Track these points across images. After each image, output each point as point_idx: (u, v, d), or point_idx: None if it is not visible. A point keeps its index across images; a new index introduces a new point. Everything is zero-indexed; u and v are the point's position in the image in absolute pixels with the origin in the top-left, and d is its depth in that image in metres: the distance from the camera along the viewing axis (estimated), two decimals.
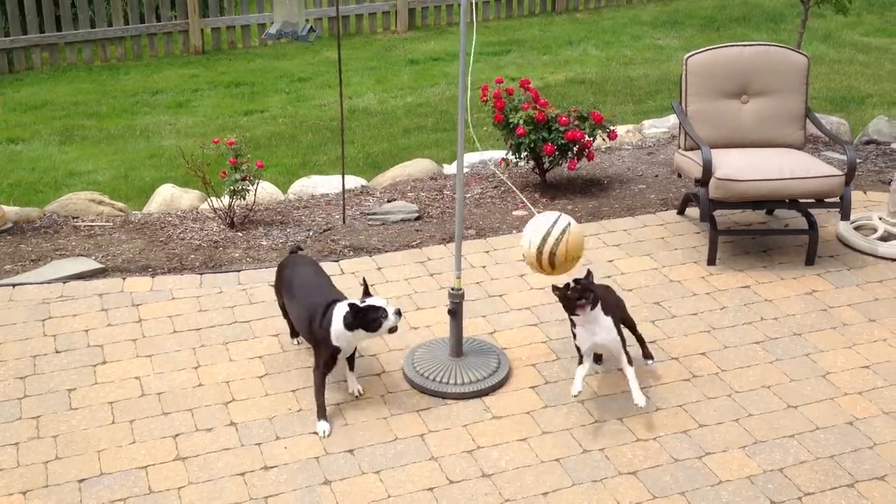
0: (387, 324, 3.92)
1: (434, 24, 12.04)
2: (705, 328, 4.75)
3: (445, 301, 4.78)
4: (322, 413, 4.01)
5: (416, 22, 11.97)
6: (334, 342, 3.97)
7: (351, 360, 4.22)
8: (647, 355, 4.43)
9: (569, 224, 3.92)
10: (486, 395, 4.23)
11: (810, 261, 5.34)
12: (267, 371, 4.40)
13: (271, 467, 3.79)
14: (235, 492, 3.66)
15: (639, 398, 3.93)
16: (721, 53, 5.55)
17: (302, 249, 4.60)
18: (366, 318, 3.91)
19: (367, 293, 4.04)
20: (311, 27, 5.37)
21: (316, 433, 3.97)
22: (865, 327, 4.76)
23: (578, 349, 4.08)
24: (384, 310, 3.91)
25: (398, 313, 3.94)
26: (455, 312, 4.30)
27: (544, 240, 3.86)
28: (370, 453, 3.87)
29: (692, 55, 5.55)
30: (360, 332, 3.95)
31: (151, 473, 3.76)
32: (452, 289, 4.28)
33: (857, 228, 5.69)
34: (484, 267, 5.35)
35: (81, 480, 3.72)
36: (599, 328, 3.99)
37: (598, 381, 4.32)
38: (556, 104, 6.61)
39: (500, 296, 5.04)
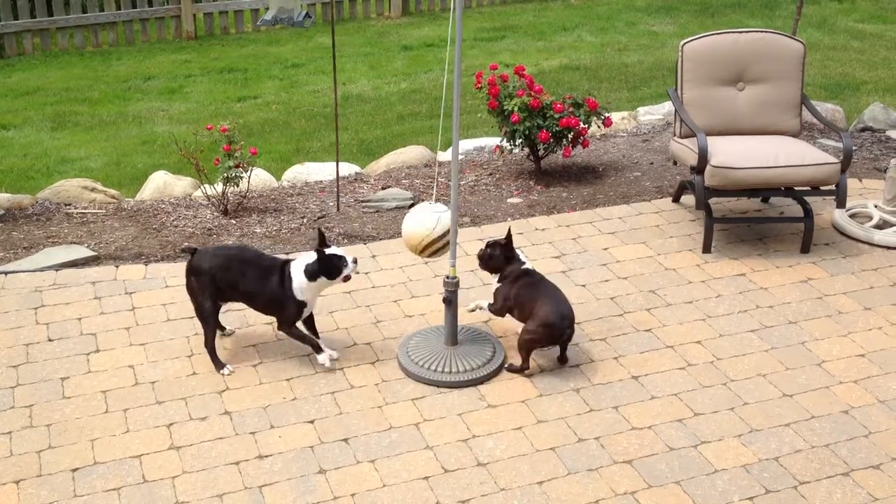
0: (346, 271, 4.19)
1: (427, 9, 11.98)
2: (700, 316, 4.74)
3: (440, 289, 4.76)
4: (319, 348, 4.30)
5: (410, 7, 11.91)
6: (299, 297, 4.19)
7: (312, 325, 4.41)
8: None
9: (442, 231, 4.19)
10: (482, 383, 4.22)
11: (806, 249, 5.34)
12: (261, 359, 4.39)
13: (266, 456, 3.78)
14: (230, 481, 3.65)
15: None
16: (717, 40, 5.53)
17: (196, 250, 4.35)
18: (329, 266, 4.16)
19: (323, 243, 4.21)
20: (307, 13, 5.33)
21: (310, 422, 3.96)
22: (861, 315, 4.76)
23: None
24: (345, 258, 4.18)
25: (355, 261, 4.20)
26: (450, 301, 4.29)
27: (438, 236, 4.17)
28: (365, 442, 3.86)
29: (688, 42, 5.53)
30: (322, 280, 4.19)
31: (145, 462, 3.74)
32: (447, 277, 4.26)
33: (852, 216, 5.69)
34: None
35: (75, 470, 3.71)
36: None
37: (592, 369, 4.32)
38: (550, 91, 6.59)
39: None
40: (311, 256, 4.20)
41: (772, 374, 4.31)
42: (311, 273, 4.16)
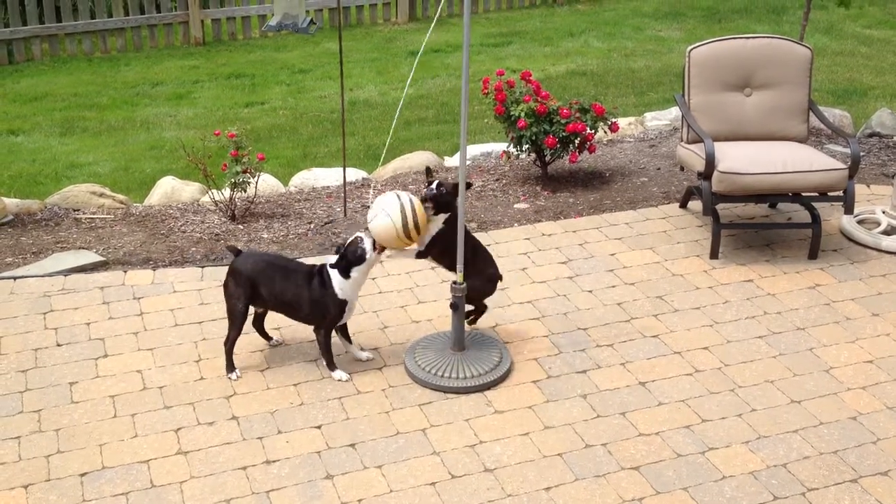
0: (367, 246, 4.15)
1: (434, 15, 12.00)
2: (708, 322, 4.74)
3: (447, 294, 4.76)
4: (333, 365, 4.30)
5: (417, 13, 11.93)
6: (340, 296, 4.19)
7: (345, 332, 4.41)
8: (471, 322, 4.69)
9: (409, 199, 4.20)
10: (488, 389, 4.22)
11: (813, 255, 5.33)
12: (268, 365, 4.39)
13: (273, 461, 3.79)
14: (237, 486, 3.66)
15: None
16: (724, 46, 5.53)
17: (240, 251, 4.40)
18: (352, 253, 4.15)
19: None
20: (312, 19, 5.35)
21: (318, 427, 3.97)
22: (869, 322, 4.75)
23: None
24: (359, 236, 4.18)
25: (366, 230, 4.18)
26: (457, 306, 4.29)
27: (404, 216, 4.13)
28: (372, 447, 3.86)
29: (695, 47, 5.53)
30: (355, 271, 4.18)
31: (153, 467, 3.75)
32: (454, 282, 4.27)
33: (860, 222, 5.68)
34: None
35: (83, 474, 3.72)
36: None
37: (599, 375, 4.32)
38: (557, 96, 6.60)
39: (502, 289, 5.02)
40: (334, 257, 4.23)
41: (780, 380, 4.30)
42: (342, 270, 4.18)
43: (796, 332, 4.66)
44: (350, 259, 4.16)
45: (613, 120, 6.31)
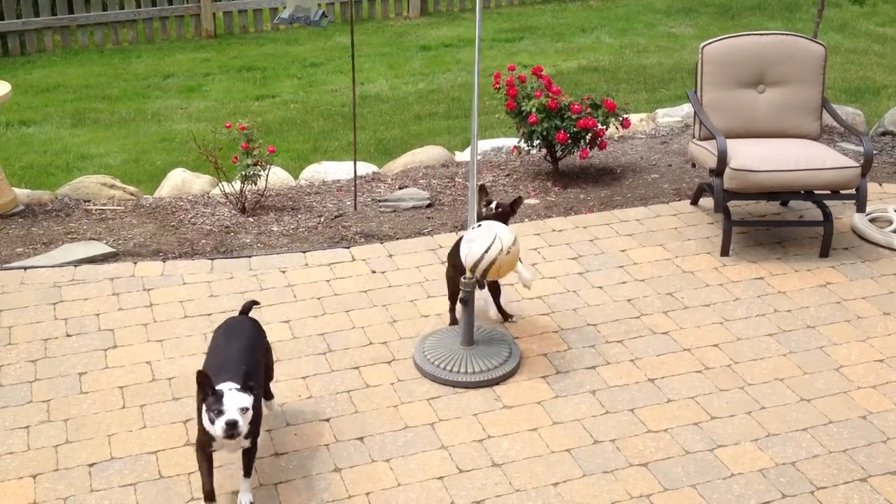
0: (217, 423, 3.24)
1: (446, 9, 11.99)
2: (718, 320, 4.72)
3: None
4: (209, 497, 3.45)
5: (429, 7, 11.92)
6: (204, 423, 3.33)
7: (246, 461, 3.51)
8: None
9: (500, 252, 4.05)
10: (497, 384, 4.22)
11: (825, 253, 5.30)
12: (277, 357, 4.38)
13: (282, 454, 3.79)
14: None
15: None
16: (737, 42, 5.50)
17: (257, 303, 4.10)
18: (205, 395, 3.28)
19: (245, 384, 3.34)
20: (324, 12, 5.34)
21: (326, 420, 3.97)
22: (880, 320, 4.73)
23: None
24: (221, 410, 3.23)
25: (231, 425, 3.22)
26: (466, 301, 4.28)
27: (476, 263, 4.08)
28: (380, 441, 3.86)
29: (708, 44, 5.51)
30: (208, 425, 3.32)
31: (161, 458, 3.76)
32: (464, 277, 4.26)
33: (872, 220, 5.65)
34: None
35: (92, 465, 3.72)
36: None
37: (608, 371, 4.31)
38: (568, 92, 6.58)
39: (512, 284, 5.02)
40: (231, 393, 3.26)
41: (789, 378, 4.28)
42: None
43: (806, 330, 4.64)
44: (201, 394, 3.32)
45: (625, 116, 6.29)
